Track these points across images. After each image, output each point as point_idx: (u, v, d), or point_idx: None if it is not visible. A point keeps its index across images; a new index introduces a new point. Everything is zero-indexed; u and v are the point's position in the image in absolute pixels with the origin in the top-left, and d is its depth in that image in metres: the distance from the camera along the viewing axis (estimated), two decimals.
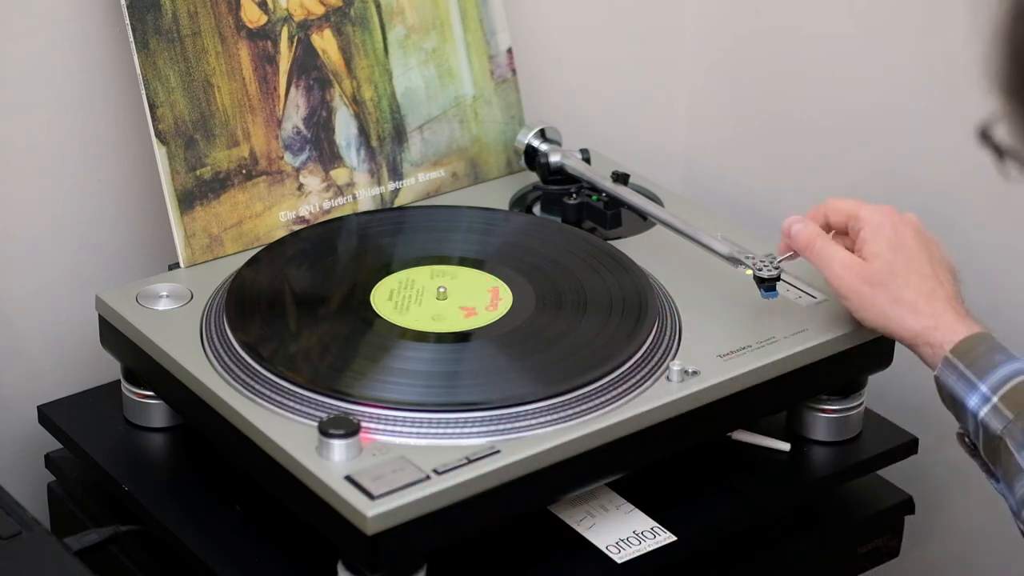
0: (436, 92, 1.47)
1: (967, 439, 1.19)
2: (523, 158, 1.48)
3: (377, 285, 1.30)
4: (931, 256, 1.23)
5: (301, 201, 1.40)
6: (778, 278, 1.27)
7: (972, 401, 1.15)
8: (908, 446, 1.35)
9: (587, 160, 1.45)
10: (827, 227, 1.27)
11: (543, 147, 1.46)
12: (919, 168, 1.49)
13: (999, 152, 0.75)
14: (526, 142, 1.47)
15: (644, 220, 1.44)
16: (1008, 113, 0.75)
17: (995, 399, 1.14)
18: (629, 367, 1.21)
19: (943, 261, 1.24)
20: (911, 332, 1.20)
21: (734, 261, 1.30)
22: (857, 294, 1.22)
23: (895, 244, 1.22)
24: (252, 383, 1.19)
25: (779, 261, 1.28)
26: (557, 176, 1.45)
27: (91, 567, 1.09)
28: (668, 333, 1.25)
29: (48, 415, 1.34)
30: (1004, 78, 0.74)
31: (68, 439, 1.32)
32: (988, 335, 1.18)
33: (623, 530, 1.23)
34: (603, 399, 1.18)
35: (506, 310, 1.28)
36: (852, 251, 1.24)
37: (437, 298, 1.29)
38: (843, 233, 1.27)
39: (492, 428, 1.15)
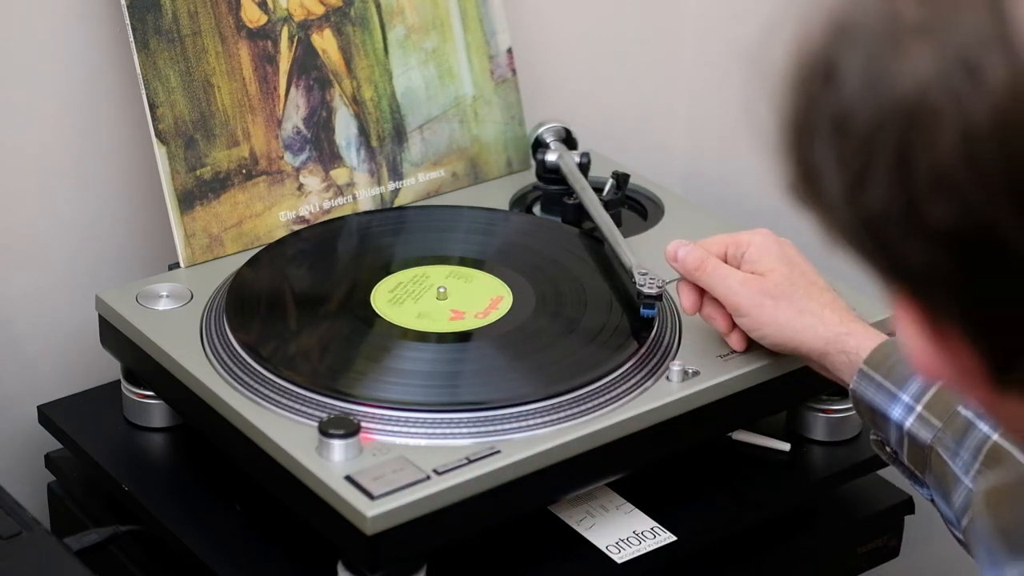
0: (436, 92, 1.47)
1: (888, 448, 1.15)
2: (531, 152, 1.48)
3: (377, 285, 1.30)
4: (815, 271, 1.21)
5: (301, 201, 1.40)
6: (659, 298, 1.25)
7: (895, 412, 1.12)
8: None
9: (586, 164, 1.44)
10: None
11: (549, 142, 1.46)
12: None
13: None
14: (535, 137, 1.47)
15: (644, 220, 1.45)
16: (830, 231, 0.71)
17: (919, 408, 1.10)
18: (629, 367, 1.21)
19: (820, 277, 1.21)
20: (822, 341, 1.16)
21: (629, 273, 1.29)
22: (760, 308, 1.19)
23: (785, 259, 1.20)
24: (252, 383, 1.19)
25: (666, 284, 1.27)
26: (553, 175, 1.45)
27: (91, 567, 1.09)
28: (668, 333, 1.25)
29: (48, 415, 1.34)
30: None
31: (68, 439, 1.32)
32: (896, 341, 1.13)
33: (623, 530, 1.23)
34: (603, 399, 1.18)
35: (506, 310, 1.28)
36: None
37: (437, 298, 1.29)
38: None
39: (492, 428, 1.15)
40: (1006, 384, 0.69)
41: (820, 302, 1.18)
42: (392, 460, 1.12)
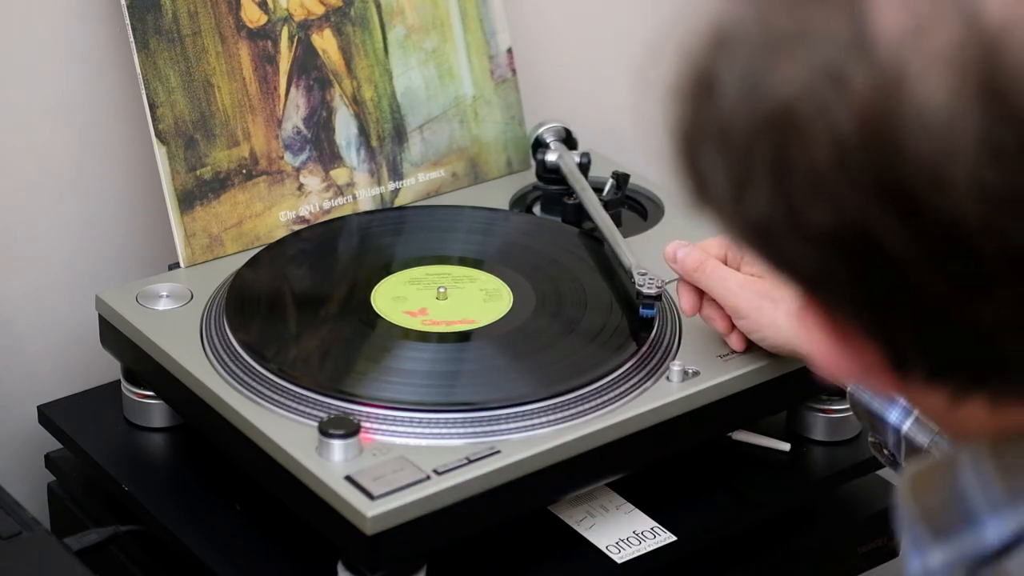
0: (436, 92, 1.47)
1: (885, 451, 1.15)
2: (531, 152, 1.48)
3: (377, 285, 1.30)
4: None
5: (301, 201, 1.40)
6: (659, 298, 1.26)
7: (892, 416, 1.11)
8: None
9: (586, 164, 1.44)
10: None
11: (549, 142, 1.46)
12: None
13: None
14: (535, 137, 1.47)
15: (644, 220, 1.45)
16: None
17: (916, 411, 1.10)
18: (629, 367, 1.21)
19: None
20: None
21: (629, 274, 1.29)
22: (759, 310, 1.19)
23: None
24: (252, 383, 1.19)
25: (665, 284, 1.27)
26: (553, 175, 1.45)
27: (91, 567, 1.09)
28: (668, 333, 1.25)
29: (48, 415, 1.34)
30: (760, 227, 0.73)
31: (68, 439, 1.32)
32: None
33: (623, 530, 1.23)
34: (603, 399, 1.18)
35: (506, 310, 1.28)
36: None
37: (437, 298, 1.29)
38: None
39: (492, 428, 1.15)
40: (909, 378, 0.72)
41: None
42: (392, 460, 1.12)
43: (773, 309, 1.19)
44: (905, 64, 0.65)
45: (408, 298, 1.29)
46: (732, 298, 1.20)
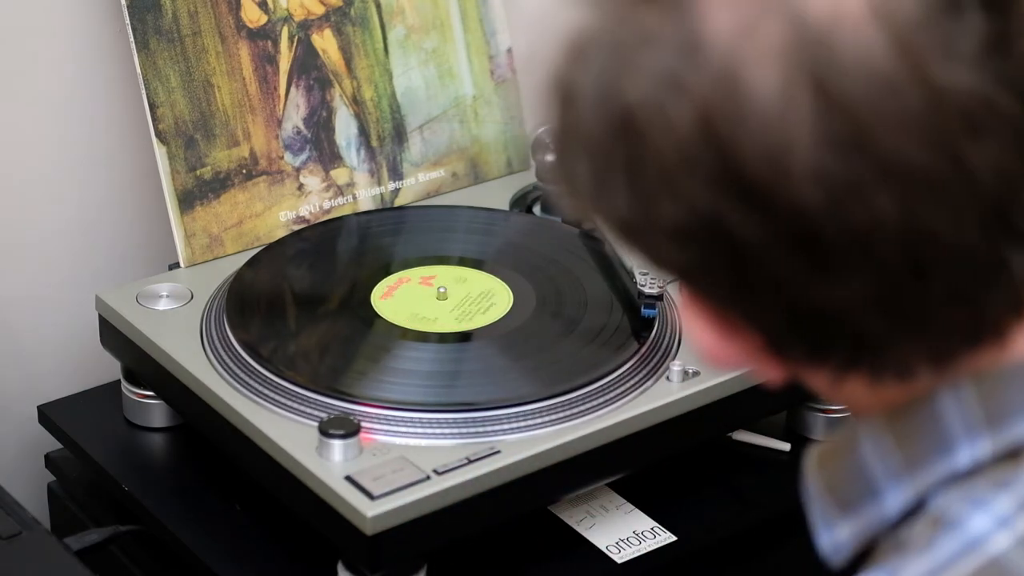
0: (436, 92, 1.47)
1: None
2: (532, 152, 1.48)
3: (377, 285, 1.30)
4: None
5: (301, 201, 1.40)
6: (660, 298, 1.26)
7: None
8: None
9: None
10: None
11: (549, 142, 1.47)
12: None
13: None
14: (535, 137, 1.47)
15: None
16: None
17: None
18: (629, 367, 1.21)
19: None
20: None
21: (630, 274, 1.29)
22: None
23: None
24: (252, 383, 1.19)
25: (667, 284, 1.27)
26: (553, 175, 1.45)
27: (91, 567, 1.09)
28: (668, 333, 1.25)
29: (48, 415, 1.34)
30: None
31: (68, 439, 1.32)
32: None
33: (623, 530, 1.23)
34: (603, 399, 1.18)
35: (506, 310, 1.28)
36: None
37: (437, 298, 1.29)
38: None
39: (492, 428, 1.15)
40: (791, 360, 0.77)
41: None
42: (392, 460, 1.12)
43: None
44: (737, 63, 0.69)
45: (408, 298, 1.29)
46: None
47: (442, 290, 1.29)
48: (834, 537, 0.81)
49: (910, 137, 0.69)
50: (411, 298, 1.29)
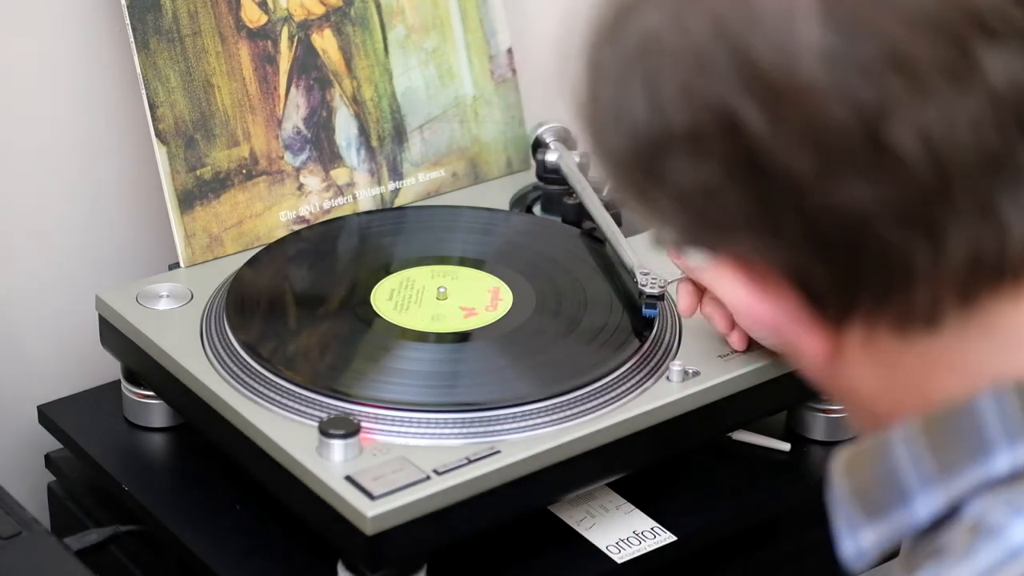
0: (436, 92, 1.47)
1: None
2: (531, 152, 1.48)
3: (377, 285, 1.30)
4: None
5: (301, 201, 1.40)
6: (661, 297, 1.26)
7: None
8: None
9: (586, 164, 1.44)
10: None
11: (549, 142, 1.47)
12: None
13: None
14: (535, 137, 1.48)
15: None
16: (641, 214, 0.80)
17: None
18: (629, 367, 1.21)
19: None
20: None
21: (631, 273, 1.29)
22: None
23: None
24: (252, 383, 1.19)
25: (667, 283, 1.27)
26: (553, 175, 1.45)
27: (91, 567, 1.09)
28: (668, 333, 1.25)
29: (48, 415, 1.34)
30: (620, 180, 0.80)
31: (68, 439, 1.32)
32: None
33: (623, 530, 1.23)
34: (603, 399, 1.18)
35: (506, 310, 1.28)
36: None
37: (437, 298, 1.29)
38: None
39: (492, 428, 1.15)
40: (825, 319, 0.76)
41: None
42: (392, 460, 1.12)
43: None
44: None
45: (408, 298, 1.29)
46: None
47: (442, 290, 1.29)
48: (858, 543, 0.80)
49: (921, 30, 0.70)
50: (411, 298, 1.29)
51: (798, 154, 0.72)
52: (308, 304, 1.30)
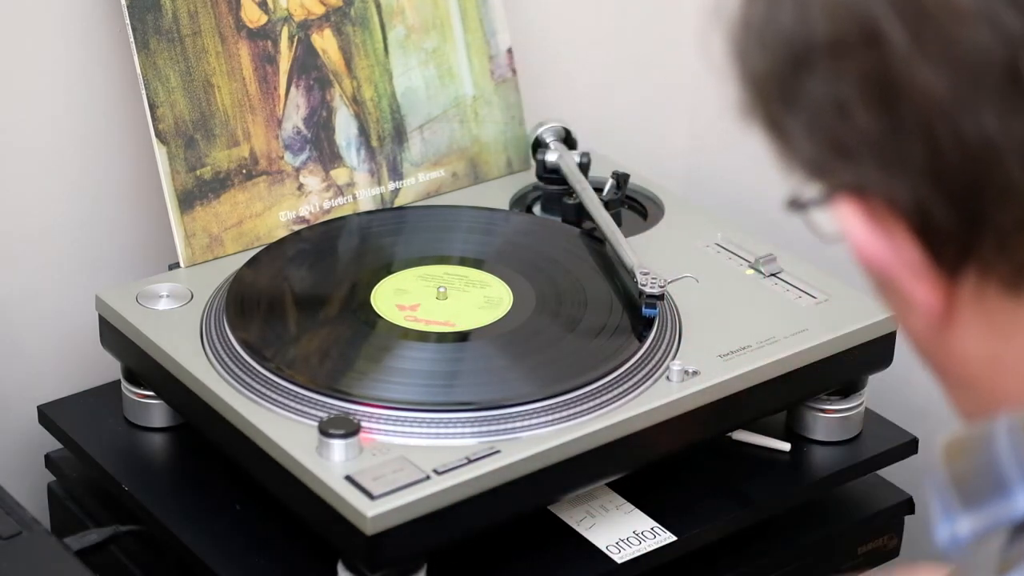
0: (436, 92, 1.47)
1: None
2: (531, 152, 1.48)
3: (377, 285, 1.30)
4: None
5: (301, 201, 1.40)
6: (661, 297, 1.26)
7: None
8: (908, 446, 1.35)
9: (586, 164, 1.44)
10: None
11: (549, 142, 1.47)
12: None
13: (804, 208, 0.81)
14: (535, 137, 1.48)
15: (644, 220, 1.45)
16: (767, 132, 0.81)
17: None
18: (629, 367, 1.21)
19: None
20: None
21: (631, 273, 1.29)
22: None
23: None
24: (252, 383, 1.19)
25: (667, 283, 1.27)
26: (553, 175, 1.45)
27: (91, 567, 1.09)
28: (668, 333, 1.25)
29: (48, 415, 1.34)
30: (745, 98, 0.81)
31: (68, 439, 1.32)
32: None
33: (623, 530, 1.23)
34: (603, 399, 1.18)
35: (506, 310, 1.28)
36: None
37: (437, 298, 1.29)
38: None
39: (492, 428, 1.15)
40: (941, 266, 0.75)
41: None
42: (392, 460, 1.12)
43: None
44: None
45: (408, 298, 1.29)
46: None
47: (442, 290, 1.29)
48: (954, 530, 0.77)
49: None
50: (411, 298, 1.29)
51: (935, 75, 0.71)
52: (308, 304, 1.30)
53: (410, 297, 1.29)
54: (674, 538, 1.22)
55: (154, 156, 1.34)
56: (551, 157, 1.45)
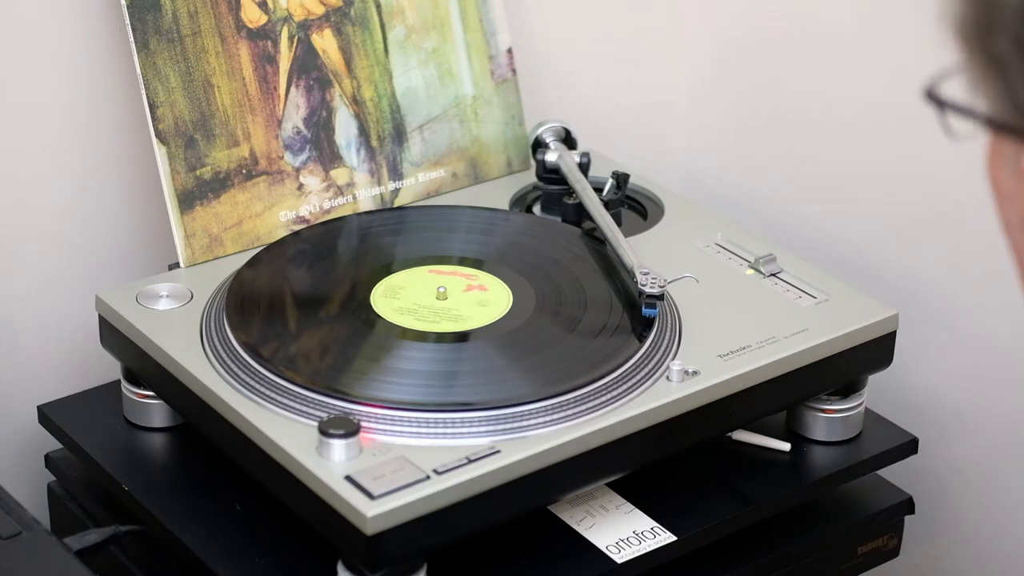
0: (436, 92, 1.47)
1: None
2: (531, 152, 1.48)
3: (377, 285, 1.30)
4: None
5: (301, 201, 1.40)
6: (661, 297, 1.26)
7: None
8: (908, 446, 1.35)
9: (586, 164, 1.44)
10: None
11: (549, 142, 1.47)
12: (922, 165, 1.49)
13: (945, 107, 0.78)
14: (535, 137, 1.48)
15: (644, 220, 1.45)
16: (965, 60, 0.77)
17: None
18: (629, 367, 1.21)
19: None
20: None
21: (631, 273, 1.29)
22: None
23: None
24: (252, 383, 1.19)
25: (667, 283, 1.27)
26: (553, 175, 1.45)
27: (91, 567, 1.09)
28: (668, 333, 1.25)
29: (48, 415, 1.34)
30: (960, 20, 0.77)
31: (68, 439, 1.32)
32: None
33: (623, 530, 1.23)
34: (603, 399, 1.19)
35: (506, 310, 1.28)
36: None
37: (437, 298, 1.29)
38: None
39: (492, 428, 1.15)
40: None
41: None
42: (392, 460, 1.12)
43: None
44: None
45: (408, 298, 1.29)
46: None
47: (442, 290, 1.29)
48: None
49: None
50: (411, 298, 1.29)
51: None
52: (308, 304, 1.30)
53: (410, 297, 1.29)
54: (674, 538, 1.22)
55: (154, 156, 1.34)
56: (551, 157, 1.45)
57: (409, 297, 1.29)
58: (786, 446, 1.32)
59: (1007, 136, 0.76)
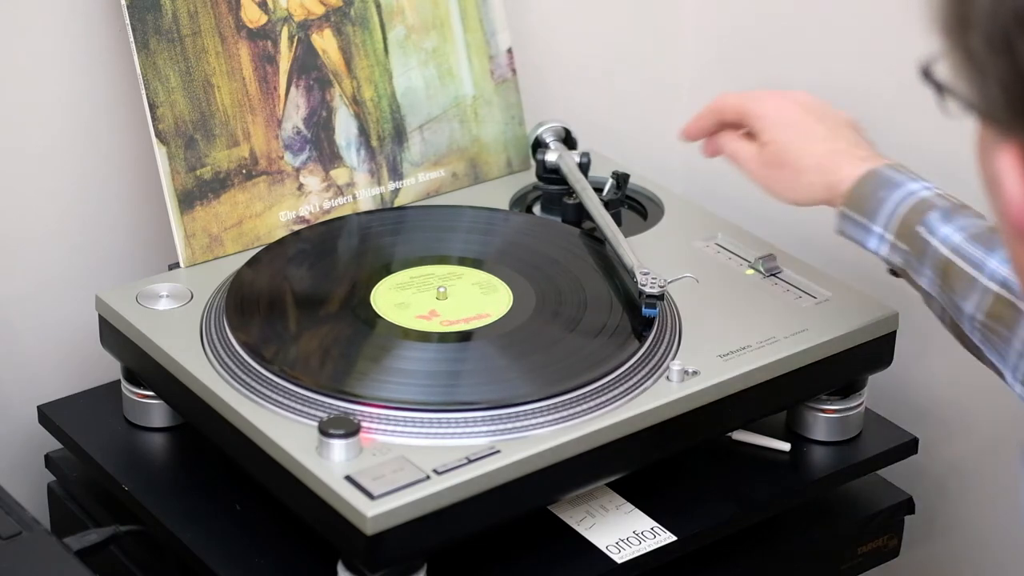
0: (436, 92, 1.47)
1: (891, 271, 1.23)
2: (531, 152, 1.48)
3: (377, 285, 1.30)
4: (823, 119, 1.26)
5: (301, 201, 1.40)
6: (661, 297, 1.26)
7: (872, 244, 1.19)
8: (908, 446, 1.35)
9: (586, 164, 1.44)
10: (725, 125, 1.31)
11: (549, 142, 1.47)
12: (922, 163, 1.48)
13: (940, 89, 0.78)
14: (535, 137, 1.48)
15: (644, 220, 1.45)
16: (946, 51, 0.78)
17: (890, 236, 1.18)
18: (629, 367, 1.21)
19: (837, 118, 1.27)
20: (823, 197, 1.23)
21: (631, 273, 1.29)
22: (766, 178, 1.26)
23: (782, 124, 1.26)
24: (252, 383, 1.19)
25: (667, 283, 1.28)
26: (553, 175, 1.45)
27: (91, 567, 1.09)
28: (668, 333, 1.25)
29: (48, 415, 1.34)
30: (940, 15, 0.78)
31: (68, 439, 1.32)
32: (876, 171, 1.21)
33: (623, 530, 1.23)
34: (603, 399, 1.19)
35: (506, 310, 1.28)
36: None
37: (437, 298, 1.29)
38: (738, 127, 1.30)
39: (492, 428, 1.15)
40: None
41: (816, 155, 1.23)
42: (392, 460, 1.12)
43: (779, 175, 1.25)
44: None
45: (408, 298, 1.29)
46: (747, 172, 1.27)
47: (442, 290, 1.29)
48: None
49: None
50: (411, 298, 1.29)
51: None
52: (308, 304, 1.30)
53: (410, 297, 1.29)
54: (674, 538, 1.22)
55: (154, 156, 1.34)
56: (551, 157, 1.45)
57: (409, 297, 1.29)
58: (786, 446, 1.32)
59: (987, 124, 0.77)
